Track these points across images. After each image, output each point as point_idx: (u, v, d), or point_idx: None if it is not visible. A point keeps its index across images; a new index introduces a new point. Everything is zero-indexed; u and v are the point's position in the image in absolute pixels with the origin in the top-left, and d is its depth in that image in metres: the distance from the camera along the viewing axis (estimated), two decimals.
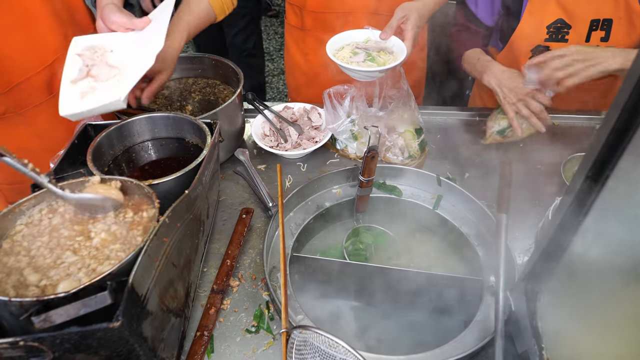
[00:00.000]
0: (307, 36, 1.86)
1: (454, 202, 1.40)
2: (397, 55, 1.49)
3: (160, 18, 1.27)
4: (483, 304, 1.16)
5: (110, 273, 0.80)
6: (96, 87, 1.21)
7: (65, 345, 0.76)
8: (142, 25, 1.27)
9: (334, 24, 1.73)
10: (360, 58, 1.47)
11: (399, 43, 1.50)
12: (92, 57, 1.26)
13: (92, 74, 1.24)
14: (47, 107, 1.51)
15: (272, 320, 1.13)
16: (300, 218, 1.36)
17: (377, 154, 1.26)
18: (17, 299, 0.77)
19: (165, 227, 0.92)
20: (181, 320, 1.03)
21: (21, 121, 1.49)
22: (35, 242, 0.95)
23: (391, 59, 1.48)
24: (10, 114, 1.47)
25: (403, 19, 1.49)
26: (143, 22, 1.27)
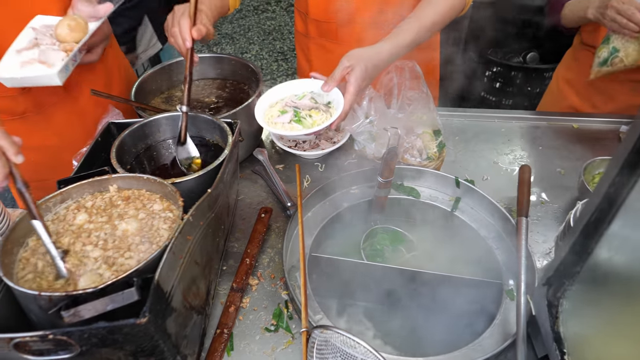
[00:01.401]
0: (310, 43, 1.85)
1: (472, 204, 1.40)
2: (335, 112, 1.33)
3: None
4: (502, 307, 1.16)
5: (137, 270, 0.81)
6: (37, 60, 1.26)
7: (92, 340, 0.77)
8: (104, 12, 1.31)
9: (336, 33, 1.73)
10: (287, 118, 1.36)
11: (338, 97, 1.35)
12: (44, 32, 1.30)
13: (38, 48, 1.29)
14: (63, 105, 1.54)
15: (291, 320, 1.14)
16: (319, 218, 1.36)
17: (396, 155, 1.26)
18: (46, 293, 0.78)
19: (189, 225, 0.93)
20: (202, 318, 1.04)
21: (40, 120, 1.52)
22: (60, 238, 0.96)
23: (324, 118, 1.35)
24: (30, 113, 1.49)
25: (347, 69, 1.32)
26: (105, 9, 1.30)
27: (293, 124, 1.35)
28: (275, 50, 5.03)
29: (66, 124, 1.57)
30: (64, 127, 1.57)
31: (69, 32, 1.25)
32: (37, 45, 1.28)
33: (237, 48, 5.06)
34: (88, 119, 1.59)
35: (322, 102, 1.40)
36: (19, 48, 1.27)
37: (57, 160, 1.60)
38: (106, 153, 1.24)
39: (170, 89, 1.67)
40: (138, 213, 0.98)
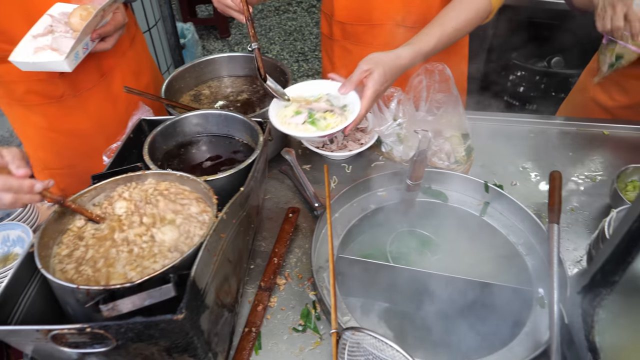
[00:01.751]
0: (334, 45, 1.84)
1: (501, 209, 1.39)
2: (350, 115, 1.30)
3: None
4: (532, 314, 1.14)
5: (173, 266, 0.82)
6: (49, 46, 1.30)
7: (128, 334, 0.78)
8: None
9: (361, 36, 1.72)
10: (301, 119, 1.33)
11: (355, 101, 1.31)
12: (59, 20, 1.32)
13: (52, 35, 1.32)
14: (98, 90, 1.59)
15: (319, 320, 1.14)
16: (346, 219, 1.36)
17: (426, 158, 1.26)
18: (84, 287, 0.79)
19: (223, 223, 0.94)
20: (232, 316, 1.05)
21: (76, 103, 1.57)
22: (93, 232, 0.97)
23: (338, 121, 1.31)
24: (67, 96, 1.54)
25: (366, 73, 1.28)
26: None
27: (307, 125, 1.32)
28: (296, 50, 5.03)
29: (100, 110, 1.62)
30: (97, 111, 1.62)
31: (81, 21, 1.27)
32: (52, 32, 1.32)
33: None
34: (120, 106, 1.64)
35: (338, 104, 1.37)
36: (35, 34, 1.31)
37: (88, 146, 1.63)
38: (137, 149, 1.25)
39: (197, 86, 1.67)
40: (176, 218, 0.97)
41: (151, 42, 3.20)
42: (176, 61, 3.63)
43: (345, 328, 0.96)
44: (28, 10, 1.37)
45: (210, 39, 5.28)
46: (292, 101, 1.38)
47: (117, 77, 1.62)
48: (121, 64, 1.63)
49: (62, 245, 0.95)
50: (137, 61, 1.71)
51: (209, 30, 5.39)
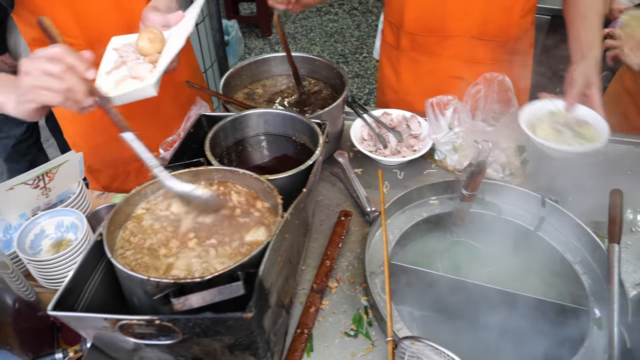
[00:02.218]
0: (401, 56, 1.82)
1: (557, 225, 1.36)
2: (593, 125, 1.41)
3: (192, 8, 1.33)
4: (589, 336, 1.11)
5: (241, 264, 0.82)
6: (128, 76, 1.27)
7: (195, 329, 0.78)
8: (176, 19, 1.31)
9: (432, 47, 1.70)
10: (568, 136, 1.40)
11: (587, 111, 1.41)
12: (127, 50, 1.31)
13: (125, 65, 1.29)
14: None
15: (371, 327, 1.13)
16: (397, 226, 1.35)
17: (484, 169, 1.24)
18: (155, 279, 0.80)
19: (287, 224, 0.94)
20: (287, 317, 1.05)
21: None
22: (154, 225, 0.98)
23: (592, 131, 1.40)
24: None
25: (585, 87, 1.39)
26: (177, 17, 1.30)
27: (578, 140, 1.40)
28: (337, 52, 5.04)
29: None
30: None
31: (151, 45, 1.27)
32: (124, 63, 1.30)
33: (298, 48, 5.10)
34: (152, 98, 1.64)
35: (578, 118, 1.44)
36: (108, 70, 1.29)
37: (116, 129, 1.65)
38: (196, 144, 1.26)
39: (251, 85, 1.69)
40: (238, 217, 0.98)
41: (197, 38, 3.24)
42: (219, 58, 3.67)
43: (404, 337, 0.95)
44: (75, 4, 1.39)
45: (252, 37, 5.33)
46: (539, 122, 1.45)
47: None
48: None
49: (126, 231, 0.97)
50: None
51: (250, 29, 5.44)
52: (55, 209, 1.39)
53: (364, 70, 4.75)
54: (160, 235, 0.96)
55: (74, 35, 1.44)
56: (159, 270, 0.89)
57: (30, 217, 1.42)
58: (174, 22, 1.31)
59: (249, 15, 5.66)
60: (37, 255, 1.32)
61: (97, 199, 1.64)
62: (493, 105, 1.52)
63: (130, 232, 0.97)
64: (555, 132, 1.41)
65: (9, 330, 1.12)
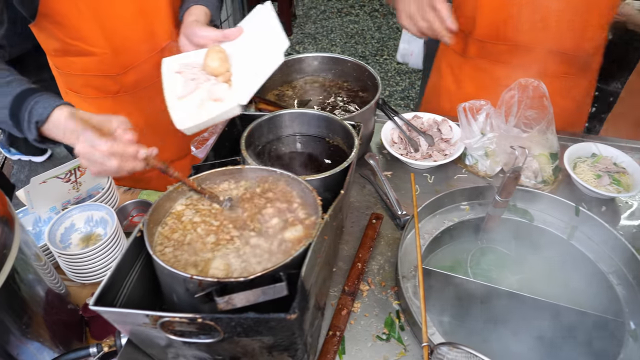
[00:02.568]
0: (466, 64, 1.77)
1: (590, 234, 1.34)
2: (631, 175, 1.46)
3: (262, 22, 1.30)
4: (625, 348, 1.10)
5: (284, 265, 0.82)
6: (208, 99, 1.21)
7: (237, 329, 0.78)
8: (236, 34, 1.28)
9: (501, 55, 1.65)
10: (605, 181, 1.45)
11: (627, 159, 1.47)
12: (194, 72, 1.26)
13: (199, 89, 1.24)
14: (154, 88, 1.55)
15: (403, 331, 1.12)
16: (428, 230, 1.34)
17: (519, 175, 1.22)
18: (198, 277, 0.79)
19: (326, 226, 0.93)
20: (322, 318, 1.04)
21: (130, 98, 1.59)
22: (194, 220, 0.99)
23: (628, 179, 1.46)
24: (123, 92, 1.57)
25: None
26: (237, 32, 1.27)
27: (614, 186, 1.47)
28: (357, 53, 5.03)
29: (152, 107, 1.57)
30: (150, 109, 1.60)
31: (221, 64, 1.22)
32: (198, 86, 1.24)
33: (319, 48, 5.09)
34: None
35: None
36: (180, 95, 1.23)
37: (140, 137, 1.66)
38: (230, 143, 1.26)
39: (282, 86, 1.69)
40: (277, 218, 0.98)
41: None
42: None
43: (441, 343, 0.94)
44: (97, 9, 1.39)
45: None
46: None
47: None
48: None
49: (165, 227, 0.97)
50: None
51: None
52: (86, 203, 1.40)
53: (385, 72, 4.74)
54: (200, 231, 0.96)
55: (99, 44, 1.44)
56: (198, 267, 0.89)
57: (60, 210, 1.43)
58: (233, 37, 1.28)
59: None
60: (67, 248, 1.33)
61: (123, 195, 1.65)
62: (527, 111, 1.50)
63: (170, 228, 0.97)
64: (594, 175, 1.47)
65: (40, 322, 1.13)
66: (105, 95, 1.57)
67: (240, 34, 1.29)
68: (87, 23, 1.39)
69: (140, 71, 1.53)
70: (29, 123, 1.11)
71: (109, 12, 1.40)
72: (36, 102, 1.11)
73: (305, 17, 5.60)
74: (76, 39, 1.41)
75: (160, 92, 1.60)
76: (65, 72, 1.55)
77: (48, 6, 1.32)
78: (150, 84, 1.57)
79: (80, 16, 1.37)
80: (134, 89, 1.57)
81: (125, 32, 1.45)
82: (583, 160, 1.53)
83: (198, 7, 1.41)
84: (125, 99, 1.59)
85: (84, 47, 1.44)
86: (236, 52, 1.27)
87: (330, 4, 5.85)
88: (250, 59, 1.25)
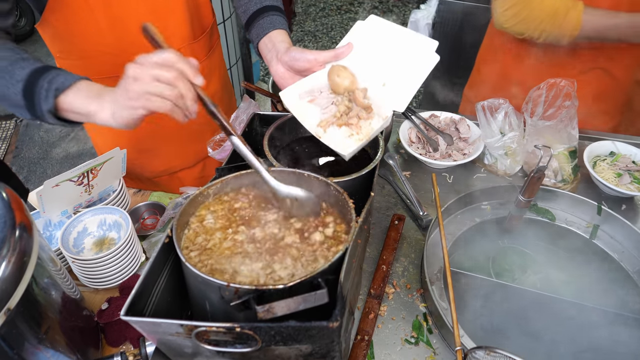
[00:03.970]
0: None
1: (612, 233, 1.33)
2: None
3: (378, 32, 1.27)
4: None
5: (322, 271, 0.79)
6: (354, 116, 1.16)
7: (276, 338, 0.76)
8: (348, 51, 1.22)
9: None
10: (626, 179, 1.45)
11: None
12: (327, 96, 1.20)
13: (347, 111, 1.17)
14: None
15: (431, 334, 1.10)
16: (451, 231, 1.32)
17: (543, 175, 1.21)
18: (235, 285, 0.77)
19: (360, 229, 0.91)
20: (353, 323, 1.02)
21: None
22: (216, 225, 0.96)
23: None
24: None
25: None
26: (348, 48, 1.22)
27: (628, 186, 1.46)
28: None
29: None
30: (157, 113, 1.57)
31: (353, 79, 1.17)
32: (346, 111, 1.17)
33: (319, 46, 5.07)
34: None
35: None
36: (326, 122, 1.17)
37: (141, 143, 1.63)
38: (249, 143, 1.23)
39: None
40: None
41: (224, 34, 3.22)
42: (243, 55, 3.65)
43: (476, 347, 0.92)
44: (108, 6, 1.35)
45: None
46: None
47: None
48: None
49: (190, 231, 0.95)
50: (210, 70, 1.66)
51: None
52: (99, 207, 1.37)
53: None
54: (222, 235, 0.94)
55: (107, 43, 1.39)
56: (224, 274, 0.87)
57: (72, 214, 1.40)
58: (345, 54, 1.22)
59: None
60: (80, 253, 1.30)
61: (134, 197, 1.62)
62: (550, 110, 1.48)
63: (194, 232, 0.94)
64: (615, 173, 1.47)
65: (56, 328, 1.10)
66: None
67: (351, 49, 1.23)
68: (97, 21, 1.34)
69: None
70: (47, 91, 1.06)
71: (120, 10, 1.35)
72: (58, 74, 1.07)
73: (304, 15, 5.57)
74: (83, 37, 1.37)
75: None
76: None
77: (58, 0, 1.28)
78: None
79: (90, 13, 1.33)
80: None
81: (136, 32, 1.41)
82: (602, 159, 1.52)
83: (281, 32, 1.34)
84: None
85: (91, 46, 1.40)
86: (355, 66, 1.21)
87: (329, 1, 5.83)
88: (389, 68, 1.20)
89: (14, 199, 0.91)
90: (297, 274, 0.85)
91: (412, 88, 1.15)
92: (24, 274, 0.87)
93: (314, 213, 0.96)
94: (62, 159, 3.82)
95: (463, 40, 2.99)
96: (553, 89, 1.43)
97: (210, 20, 1.62)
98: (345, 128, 1.13)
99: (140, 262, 1.34)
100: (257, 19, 1.38)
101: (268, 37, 1.32)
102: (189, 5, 1.48)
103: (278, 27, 1.34)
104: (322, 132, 1.14)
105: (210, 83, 1.68)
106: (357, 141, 1.11)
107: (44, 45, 1.46)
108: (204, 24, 1.57)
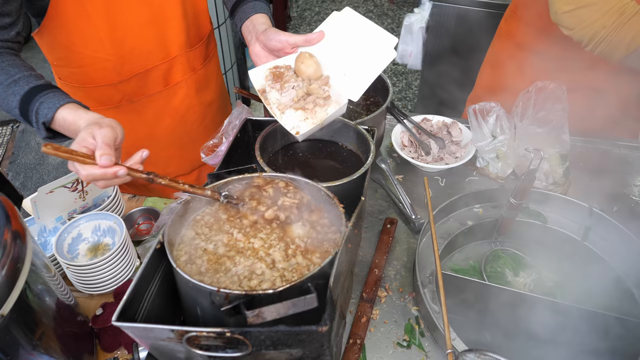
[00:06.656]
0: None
1: (604, 235, 1.33)
2: None
3: (349, 24, 1.31)
4: None
5: (312, 275, 0.80)
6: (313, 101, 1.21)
7: (266, 342, 0.77)
8: (319, 38, 1.27)
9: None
10: None
11: None
12: (295, 81, 1.24)
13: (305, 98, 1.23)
14: (158, 97, 1.57)
15: (423, 337, 1.11)
16: (442, 235, 1.33)
17: (534, 178, 1.22)
18: (225, 290, 0.78)
19: (351, 233, 0.92)
20: (344, 327, 1.03)
21: (132, 109, 1.55)
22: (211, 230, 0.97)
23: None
24: (125, 102, 1.52)
25: None
26: (319, 36, 1.27)
27: None
28: None
29: (155, 116, 1.60)
30: (153, 118, 1.60)
31: (317, 67, 1.24)
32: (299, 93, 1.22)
33: None
34: (176, 113, 1.63)
35: None
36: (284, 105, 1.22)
37: (134, 148, 1.62)
38: (241, 149, 1.25)
39: None
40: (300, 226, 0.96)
41: (219, 39, 3.23)
42: (239, 59, 3.66)
43: (467, 350, 0.93)
44: (107, 15, 1.36)
45: None
46: None
47: (181, 91, 1.59)
48: (189, 80, 1.60)
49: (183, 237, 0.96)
50: (206, 78, 1.68)
51: None
52: (93, 213, 1.38)
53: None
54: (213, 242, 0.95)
55: (106, 51, 1.40)
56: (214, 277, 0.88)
57: (66, 220, 1.41)
58: (315, 41, 1.29)
59: None
60: (74, 259, 1.31)
61: (129, 202, 1.63)
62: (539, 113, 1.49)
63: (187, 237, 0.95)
64: None
65: (51, 334, 1.10)
66: (107, 107, 1.53)
67: (322, 37, 1.29)
68: (96, 28, 1.35)
69: (144, 78, 1.49)
70: (37, 124, 1.15)
71: (120, 18, 1.36)
72: (41, 103, 1.13)
73: (299, 19, 5.58)
74: (82, 45, 1.38)
75: (168, 105, 1.58)
76: (67, 83, 1.51)
77: (57, 7, 1.29)
78: (156, 92, 1.54)
79: (89, 20, 1.34)
80: (137, 97, 1.53)
81: (134, 39, 1.42)
82: None
83: (262, 15, 1.40)
84: (128, 109, 1.54)
85: (89, 54, 1.41)
86: (323, 55, 1.27)
87: (324, 5, 5.84)
88: (351, 59, 1.26)
89: (7, 206, 0.91)
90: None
91: (367, 80, 1.23)
92: (17, 280, 0.88)
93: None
94: (58, 164, 3.82)
95: (456, 43, 3.02)
96: (542, 93, 1.44)
97: (208, 28, 1.64)
98: (301, 112, 1.19)
99: (135, 267, 1.34)
100: (241, 4, 1.45)
101: (250, 20, 1.39)
102: (187, 14, 1.49)
103: (260, 12, 1.41)
104: (279, 114, 1.20)
105: (207, 91, 1.69)
106: (310, 125, 1.17)
107: (39, 52, 1.47)
108: (201, 32, 1.59)
